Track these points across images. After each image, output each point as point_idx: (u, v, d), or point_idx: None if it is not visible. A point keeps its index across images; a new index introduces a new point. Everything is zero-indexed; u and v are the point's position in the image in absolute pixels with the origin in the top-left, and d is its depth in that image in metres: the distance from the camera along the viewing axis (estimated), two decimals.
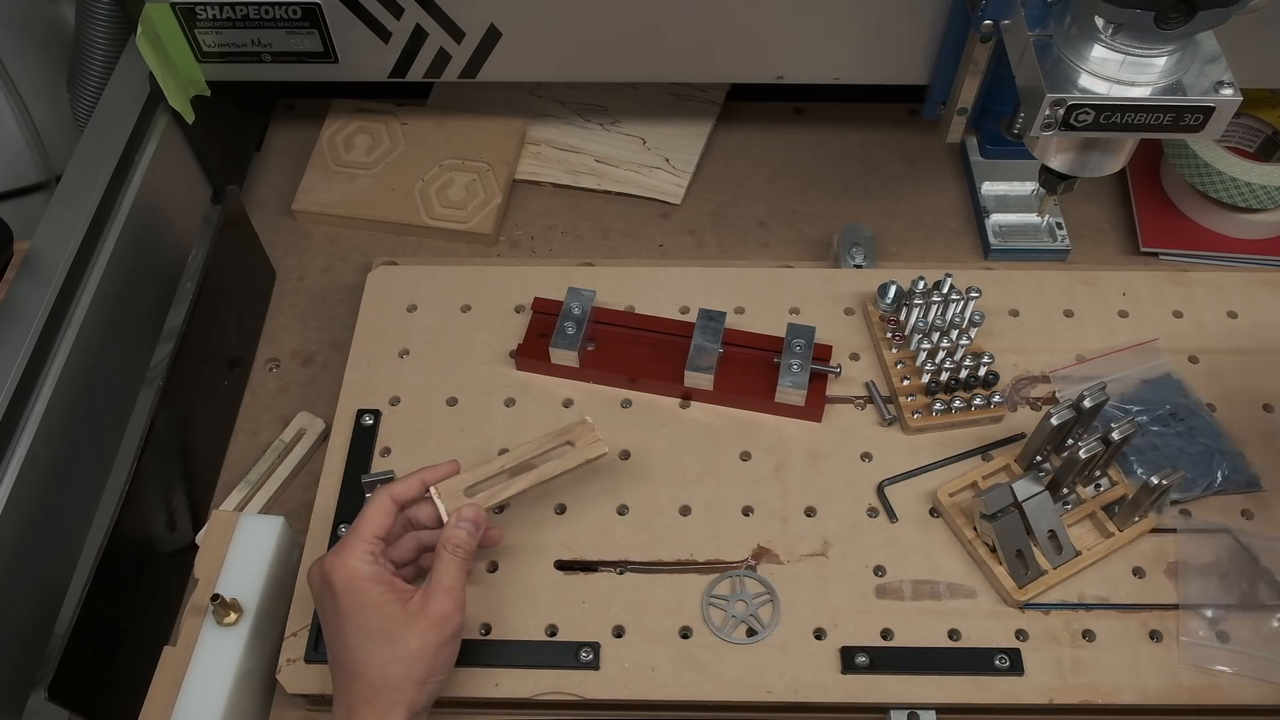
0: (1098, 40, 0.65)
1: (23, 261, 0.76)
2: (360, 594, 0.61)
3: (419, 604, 0.62)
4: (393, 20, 0.85)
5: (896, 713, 0.68)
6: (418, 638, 0.61)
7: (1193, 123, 0.66)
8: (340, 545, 0.63)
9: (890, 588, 0.72)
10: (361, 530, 0.64)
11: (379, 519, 0.65)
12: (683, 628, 0.71)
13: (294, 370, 0.88)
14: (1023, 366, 0.82)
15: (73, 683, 0.63)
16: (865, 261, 0.88)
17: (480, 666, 0.69)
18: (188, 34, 0.85)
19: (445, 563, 0.63)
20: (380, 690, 0.60)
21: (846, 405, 0.80)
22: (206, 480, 0.81)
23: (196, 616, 0.67)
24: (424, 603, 0.62)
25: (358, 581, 0.62)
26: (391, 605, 0.61)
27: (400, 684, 0.60)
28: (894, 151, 1.01)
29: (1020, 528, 0.71)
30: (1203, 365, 0.82)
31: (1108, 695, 0.68)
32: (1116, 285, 0.86)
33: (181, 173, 0.91)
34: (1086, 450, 0.69)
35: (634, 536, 0.74)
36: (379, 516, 0.65)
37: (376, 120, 1.00)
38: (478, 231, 0.95)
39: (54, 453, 0.72)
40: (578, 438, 0.70)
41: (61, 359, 0.74)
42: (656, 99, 1.03)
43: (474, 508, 0.67)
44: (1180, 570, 0.72)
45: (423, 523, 0.69)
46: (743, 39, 0.86)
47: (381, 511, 0.65)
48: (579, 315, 0.81)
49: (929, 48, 0.85)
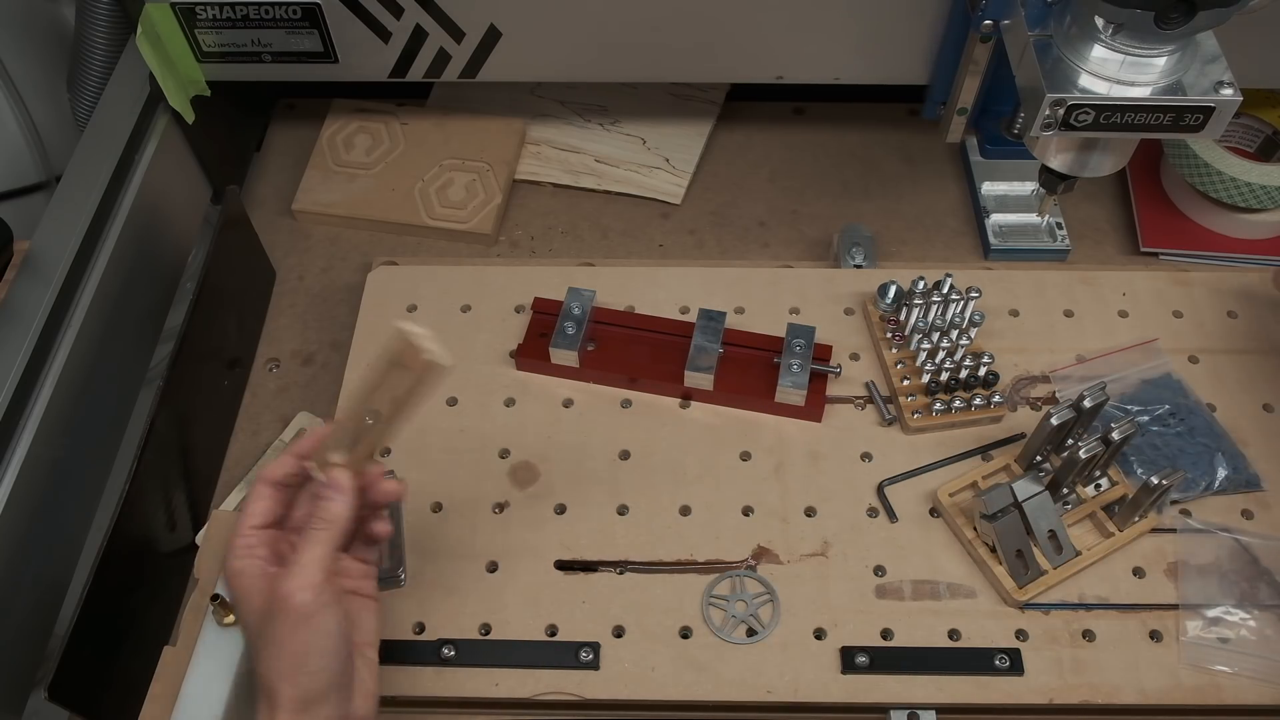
0: (1098, 40, 0.65)
1: (23, 261, 0.76)
2: (236, 591, 0.58)
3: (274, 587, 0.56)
4: (393, 20, 0.85)
5: (896, 713, 0.68)
6: (271, 625, 0.55)
7: (1193, 123, 0.66)
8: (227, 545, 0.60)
9: (890, 588, 0.72)
10: (238, 525, 0.59)
11: (253, 505, 0.60)
12: (683, 628, 0.71)
13: (294, 370, 0.88)
14: (1023, 366, 0.82)
15: (73, 683, 0.63)
16: (865, 261, 0.88)
17: (480, 666, 0.69)
18: (188, 34, 0.85)
19: (305, 539, 0.57)
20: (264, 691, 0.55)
21: (846, 405, 0.80)
22: (206, 480, 0.81)
23: (196, 616, 0.67)
24: (274, 586, 0.56)
25: (233, 579, 0.58)
26: (257, 596, 0.57)
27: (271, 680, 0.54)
28: (894, 151, 1.01)
29: (1020, 528, 0.71)
30: (1203, 365, 0.82)
31: (1108, 695, 0.68)
32: (1116, 285, 0.86)
33: (181, 173, 0.91)
34: (1086, 450, 0.69)
35: (634, 536, 0.74)
36: (253, 502, 0.60)
37: (376, 120, 1.01)
38: (478, 231, 0.95)
39: (54, 453, 0.72)
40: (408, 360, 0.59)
41: (61, 359, 0.74)
42: (656, 99, 1.03)
43: (335, 472, 0.59)
44: (1180, 570, 0.72)
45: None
46: (743, 39, 0.86)
47: (255, 497, 0.60)
48: (579, 315, 0.81)
49: (929, 48, 0.85)
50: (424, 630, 0.70)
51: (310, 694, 0.55)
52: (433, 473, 0.77)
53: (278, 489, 0.61)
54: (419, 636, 0.70)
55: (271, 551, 0.59)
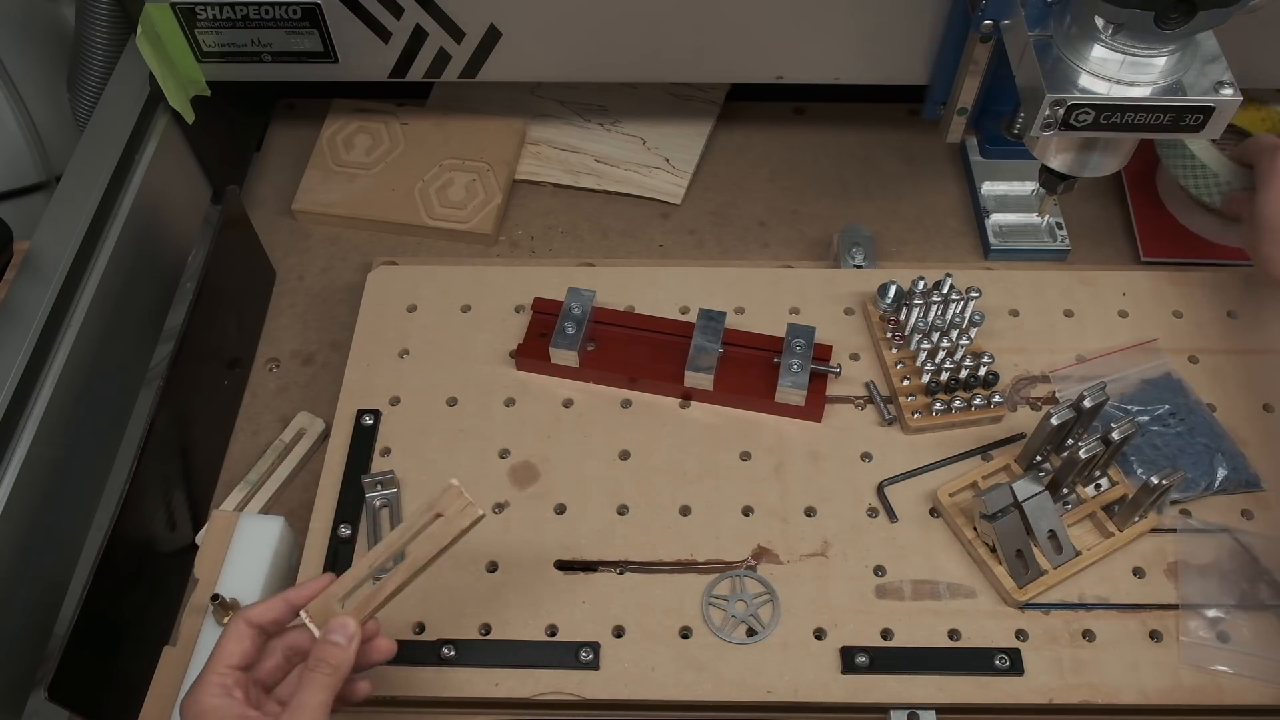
0: (1098, 40, 0.65)
1: (23, 261, 0.76)
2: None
3: None
4: (393, 20, 0.85)
5: (896, 713, 0.68)
6: None
7: (1193, 123, 0.66)
8: (195, 680, 0.57)
9: (890, 588, 0.72)
10: (213, 662, 0.57)
11: (231, 646, 0.57)
12: (683, 628, 0.71)
13: (294, 370, 0.88)
14: (1023, 366, 0.82)
15: (73, 683, 0.63)
16: (865, 261, 0.88)
17: (480, 666, 0.69)
18: (188, 34, 0.85)
19: (306, 683, 0.56)
20: None
21: (846, 405, 0.80)
22: (206, 480, 0.81)
23: (196, 616, 0.67)
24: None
25: (204, 716, 0.55)
26: None
27: None
28: (894, 151, 1.01)
29: (1020, 528, 0.71)
30: (1203, 365, 0.82)
31: (1108, 695, 0.68)
32: (1116, 285, 0.86)
33: (181, 173, 0.91)
34: (1086, 450, 0.69)
35: (634, 536, 0.74)
36: (232, 643, 0.58)
37: (376, 120, 1.00)
38: (478, 231, 0.95)
39: (54, 453, 0.72)
40: (446, 506, 0.61)
41: (61, 359, 0.74)
42: (656, 99, 1.03)
43: (345, 619, 0.59)
44: (1180, 570, 0.72)
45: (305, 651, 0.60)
46: (743, 39, 0.86)
47: (235, 637, 0.58)
48: (579, 315, 0.81)
49: (929, 48, 0.85)
50: (424, 630, 0.70)
51: None
52: (433, 473, 0.77)
53: (258, 632, 0.59)
54: (419, 636, 0.70)
55: (245, 694, 0.57)
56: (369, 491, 0.75)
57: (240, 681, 0.57)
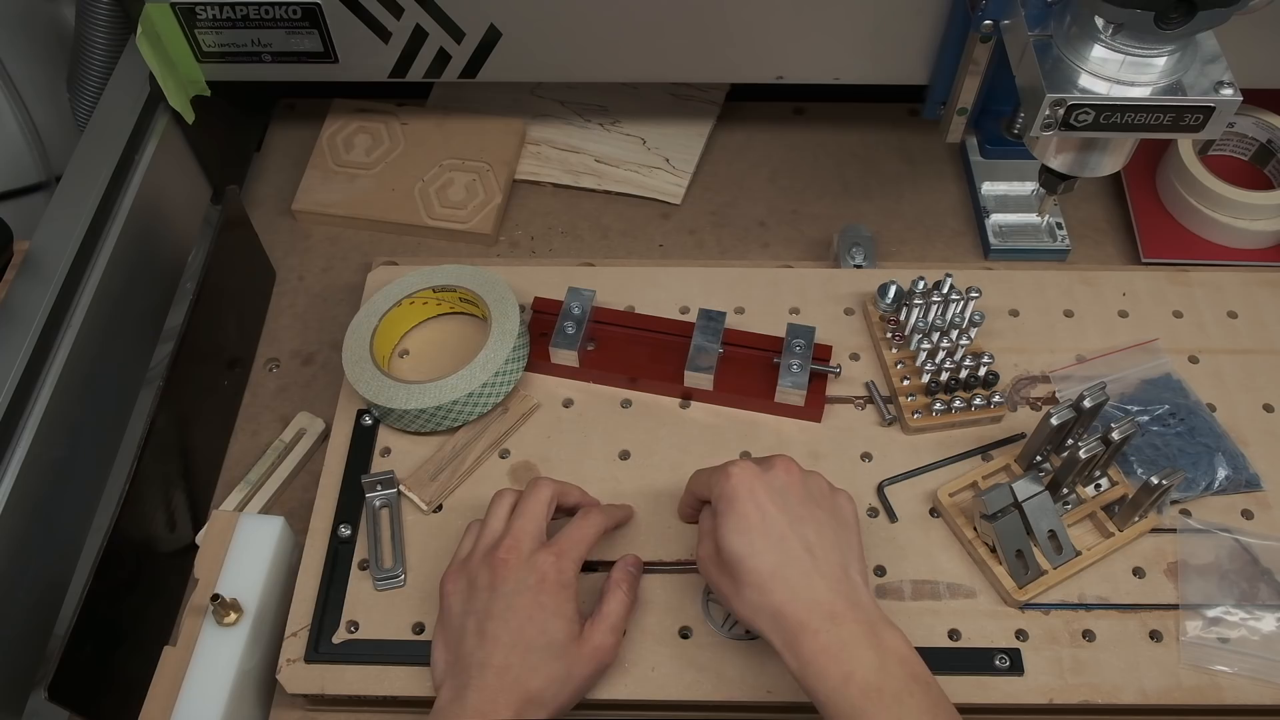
0: (1098, 40, 0.65)
1: (23, 261, 0.76)
2: (565, 603, 0.64)
3: (589, 632, 0.64)
4: (393, 20, 0.85)
5: None
6: (582, 665, 0.63)
7: (1193, 123, 0.66)
8: (560, 548, 0.66)
9: (890, 588, 0.72)
10: (578, 546, 0.67)
11: (590, 536, 0.68)
12: (682, 628, 0.71)
13: (294, 370, 0.88)
14: (1023, 366, 0.82)
15: (73, 683, 0.63)
16: (865, 261, 0.88)
17: None
18: (188, 34, 0.85)
19: (617, 600, 0.66)
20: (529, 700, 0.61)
21: (846, 405, 0.80)
22: (206, 480, 0.81)
23: (196, 616, 0.67)
24: (592, 632, 0.64)
25: (568, 591, 0.65)
26: (575, 625, 0.64)
27: (550, 702, 0.62)
28: (894, 151, 1.01)
29: (1020, 528, 0.71)
30: (1203, 365, 0.82)
31: (1108, 695, 0.68)
32: (1116, 285, 0.86)
33: (181, 173, 0.91)
34: (1086, 450, 0.69)
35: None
36: (590, 533, 0.68)
37: (376, 120, 1.01)
38: (478, 231, 0.95)
39: (54, 453, 0.72)
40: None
41: (61, 359, 0.74)
42: (656, 99, 1.03)
43: (636, 556, 0.71)
44: (1180, 570, 0.72)
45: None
46: (743, 39, 0.86)
47: (592, 526, 0.69)
48: (579, 315, 0.81)
49: (929, 48, 0.85)
50: (424, 630, 0.70)
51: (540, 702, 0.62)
52: None
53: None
54: (419, 636, 0.70)
55: None
56: (369, 491, 0.75)
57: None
